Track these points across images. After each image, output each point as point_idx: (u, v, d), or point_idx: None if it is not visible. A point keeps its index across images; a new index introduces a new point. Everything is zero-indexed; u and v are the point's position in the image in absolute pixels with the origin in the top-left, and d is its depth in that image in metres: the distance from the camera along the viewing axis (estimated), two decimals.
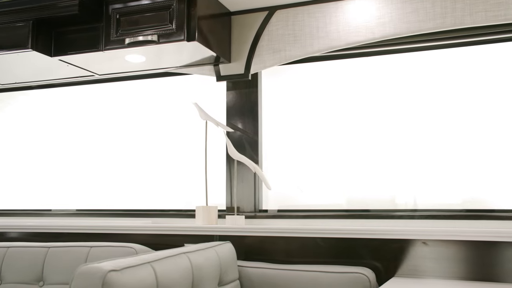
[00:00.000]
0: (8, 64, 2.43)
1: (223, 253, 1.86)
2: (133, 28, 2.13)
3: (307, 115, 2.40)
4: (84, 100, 2.89)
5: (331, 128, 2.35)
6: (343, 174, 2.30)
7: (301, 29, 2.27)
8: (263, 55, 2.32)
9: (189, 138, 2.60)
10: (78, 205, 2.79)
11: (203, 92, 2.58)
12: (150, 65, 2.39)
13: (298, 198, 2.36)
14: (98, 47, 2.21)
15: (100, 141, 2.81)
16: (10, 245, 2.19)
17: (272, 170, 2.40)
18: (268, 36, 2.32)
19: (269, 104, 2.46)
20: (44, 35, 2.26)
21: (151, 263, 1.43)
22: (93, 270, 1.26)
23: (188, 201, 2.53)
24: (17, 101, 3.06)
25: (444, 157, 2.15)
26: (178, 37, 2.07)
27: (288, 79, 2.46)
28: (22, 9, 2.22)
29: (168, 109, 2.67)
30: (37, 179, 2.94)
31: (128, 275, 1.31)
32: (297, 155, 2.39)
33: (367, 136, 2.28)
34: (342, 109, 2.34)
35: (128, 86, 2.77)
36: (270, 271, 1.94)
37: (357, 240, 1.98)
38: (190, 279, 1.57)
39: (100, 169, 2.78)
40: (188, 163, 2.59)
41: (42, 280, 2.06)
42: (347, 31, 2.18)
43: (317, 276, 1.87)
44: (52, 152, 2.91)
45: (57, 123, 2.93)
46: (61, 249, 2.10)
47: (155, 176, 2.65)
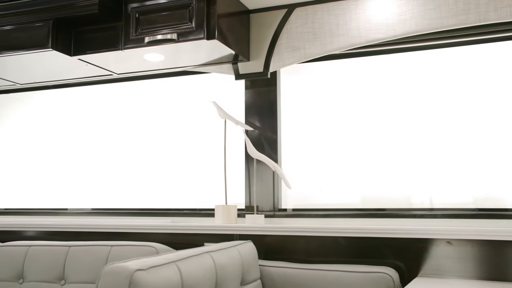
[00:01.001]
0: (27, 64, 2.44)
1: (244, 253, 1.85)
2: (153, 27, 2.12)
3: (325, 113, 2.38)
4: (101, 99, 2.90)
5: (348, 127, 2.33)
6: (358, 173, 2.28)
7: (320, 26, 2.25)
8: (282, 53, 2.31)
9: (207, 137, 2.59)
10: (95, 205, 2.80)
11: (221, 90, 2.57)
12: (168, 64, 2.38)
13: (315, 197, 2.35)
14: (117, 46, 2.21)
15: (117, 140, 2.81)
16: (31, 244, 2.20)
17: (290, 169, 2.39)
18: (287, 34, 2.30)
19: (288, 102, 2.44)
20: (63, 35, 2.27)
21: (176, 263, 1.43)
22: (119, 269, 1.26)
23: (207, 200, 2.53)
24: (33, 100, 3.07)
25: (459, 155, 2.12)
26: (198, 35, 2.06)
27: (307, 77, 2.44)
28: (42, 9, 2.23)
29: (186, 107, 2.67)
30: (53, 178, 2.95)
31: (154, 275, 1.30)
32: (315, 154, 2.37)
33: (383, 134, 2.26)
34: (360, 108, 2.31)
35: (146, 85, 2.77)
36: (292, 270, 1.93)
37: (380, 240, 1.96)
38: (213, 279, 1.56)
39: (119, 169, 2.79)
40: (206, 162, 2.58)
41: (63, 279, 2.07)
42: (368, 28, 2.15)
43: (340, 276, 1.85)
44: (68, 151, 2.92)
45: (74, 123, 2.95)
46: (82, 248, 2.10)
47: (173, 175, 2.65)
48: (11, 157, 3.06)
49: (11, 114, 3.12)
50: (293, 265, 1.97)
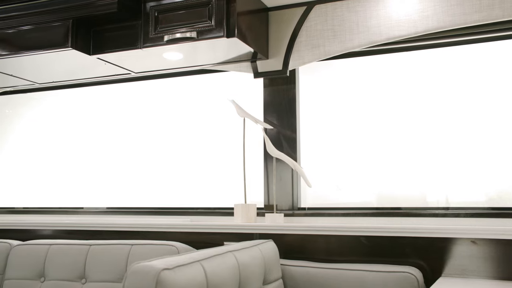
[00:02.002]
0: (45, 63, 2.46)
1: (266, 252, 1.84)
2: (172, 25, 2.12)
3: (343, 111, 2.36)
4: (118, 98, 2.90)
5: (365, 125, 2.31)
6: (373, 171, 2.27)
7: (340, 24, 2.23)
8: (301, 51, 2.29)
9: (225, 135, 2.58)
10: (111, 203, 2.80)
11: (239, 89, 2.56)
12: (187, 62, 2.38)
13: (333, 195, 2.33)
14: (136, 45, 2.21)
15: (135, 139, 2.81)
16: (52, 242, 2.21)
17: (309, 167, 2.37)
18: (307, 32, 2.29)
19: (306, 100, 2.43)
20: (83, 34, 2.27)
21: (200, 262, 1.42)
22: (146, 268, 1.25)
23: (225, 199, 2.52)
24: (50, 100, 3.09)
25: (475, 153, 2.09)
26: (218, 33, 2.05)
27: (325, 75, 2.42)
28: (61, 9, 2.23)
29: (204, 106, 2.66)
30: (69, 177, 2.96)
31: (180, 274, 1.30)
32: (332, 152, 2.36)
33: (400, 132, 2.24)
34: (378, 106, 2.29)
35: (163, 84, 2.77)
36: (314, 269, 1.91)
37: (403, 239, 1.93)
38: (237, 278, 1.55)
39: (136, 168, 2.79)
40: (224, 161, 2.58)
41: (84, 278, 2.07)
42: (389, 25, 2.13)
43: (363, 275, 1.83)
44: (84, 150, 2.93)
45: (90, 122, 2.95)
46: (102, 247, 2.10)
47: (192, 174, 2.65)
48: (28, 156, 3.08)
49: (28, 113, 3.13)
50: (314, 264, 1.95)
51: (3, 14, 2.37)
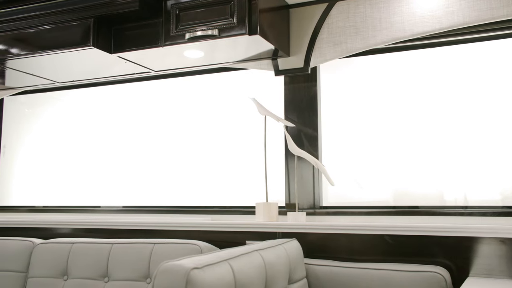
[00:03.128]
0: (66, 62, 2.46)
1: (291, 251, 1.82)
2: (193, 23, 2.11)
3: (364, 109, 2.34)
4: (137, 97, 2.90)
5: (386, 123, 2.28)
6: (391, 170, 2.24)
7: (362, 20, 2.20)
8: (323, 48, 2.27)
9: (245, 133, 2.57)
10: (131, 202, 2.80)
11: (259, 87, 2.55)
12: (207, 60, 2.37)
13: (353, 194, 2.31)
14: (157, 43, 2.20)
15: (154, 138, 2.81)
16: (74, 241, 2.21)
17: (329, 166, 2.35)
18: (328, 29, 2.26)
19: (326, 98, 2.40)
20: (104, 32, 2.27)
21: (228, 261, 1.40)
22: (176, 267, 1.24)
23: (245, 198, 2.51)
24: (68, 99, 3.10)
25: (494, 151, 2.06)
26: (240, 31, 2.03)
27: (346, 73, 2.40)
28: (83, 7, 2.23)
29: (224, 104, 2.65)
30: (87, 176, 2.97)
31: (209, 273, 1.29)
32: (352, 150, 2.33)
33: (418, 130, 2.22)
34: (398, 103, 2.27)
35: (183, 82, 2.76)
36: (338, 269, 1.89)
37: (429, 238, 1.90)
38: (264, 277, 1.54)
39: (156, 166, 2.78)
40: (244, 159, 2.56)
41: (107, 276, 2.07)
42: (412, 21, 2.10)
43: (388, 275, 1.81)
44: (102, 149, 2.94)
45: (107, 120, 2.96)
46: (125, 245, 2.10)
47: (212, 173, 2.64)
48: (47, 155, 3.09)
49: (46, 112, 3.15)
50: (339, 263, 1.93)
51: (23, 14, 2.38)
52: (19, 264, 2.22)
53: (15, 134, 3.21)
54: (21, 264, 2.22)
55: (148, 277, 2.00)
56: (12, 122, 3.23)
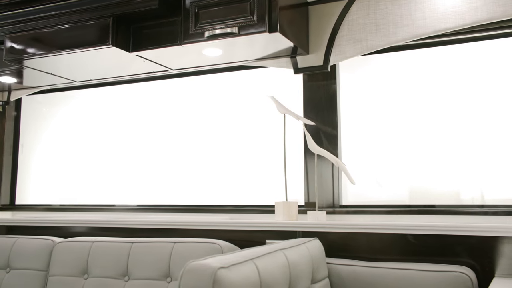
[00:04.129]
0: (84, 61, 2.46)
1: (313, 250, 1.80)
2: (212, 21, 2.09)
3: (383, 107, 2.31)
4: (152, 96, 2.90)
5: (406, 121, 2.26)
6: (408, 168, 2.22)
7: (383, 17, 2.17)
8: (343, 46, 2.24)
9: (262, 132, 2.56)
10: (147, 201, 2.80)
11: (277, 85, 2.53)
12: (226, 58, 2.36)
13: (371, 193, 2.29)
14: (176, 41, 2.19)
15: (172, 137, 2.81)
16: (94, 240, 2.21)
17: (349, 164, 2.33)
18: (348, 26, 2.24)
19: (346, 96, 2.38)
20: (123, 31, 2.27)
21: (253, 260, 1.39)
22: (202, 267, 1.23)
23: (264, 196, 2.50)
24: (84, 98, 3.10)
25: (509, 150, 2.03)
26: (260, 28, 2.02)
27: (364, 70, 2.37)
28: (102, 6, 2.23)
29: (241, 102, 2.64)
30: (101, 174, 2.97)
31: (235, 272, 1.27)
32: (369, 148, 2.31)
33: (437, 128, 2.19)
34: (418, 101, 2.24)
35: (200, 80, 2.75)
36: (360, 268, 1.87)
37: (452, 237, 1.87)
38: (288, 277, 1.52)
39: (174, 165, 2.78)
40: (262, 158, 2.55)
41: (127, 275, 2.07)
42: (435, 17, 2.07)
43: (412, 275, 1.78)
44: (119, 148, 2.94)
45: (122, 120, 2.96)
46: (145, 244, 2.10)
47: (229, 171, 2.63)
48: (63, 154, 3.10)
49: (63, 111, 3.16)
50: (361, 263, 1.91)
51: (41, 14, 2.39)
52: (39, 263, 2.23)
53: (32, 133, 3.22)
54: (41, 262, 2.23)
55: (169, 276, 2.00)
56: (30, 121, 3.25)
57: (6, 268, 2.29)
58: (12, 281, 2.24)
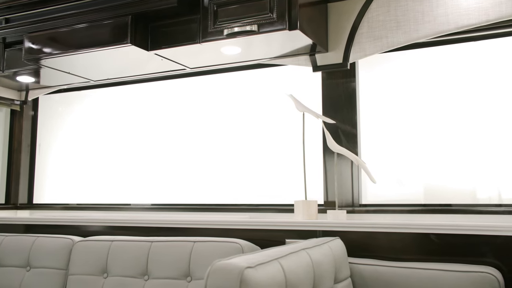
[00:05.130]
0: (102, 60, 2.46)
1: (335, 249, 1.78)
2: (231, 19, 2.08)
3: (402, 105, 2.29)
4: (168, 94, 2.89)
5: (423, 119, 2.24)
6: (426, 167, 2.20)
7: (404, 14, 2.14)
8: (362, 43, 2.22)
9: (280, 130, 2.54)
10: (165, 200, 2.80)
11: (296, 83, 2.52)
12: (244, 56, 2.35)
13: (389, 192, 2.26)
14: (195, 40, 2.19)
15: (188, 136, 2.80)
16: (113, 239, 2.21)
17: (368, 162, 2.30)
18: (368, 23, 2.21)
19: (365, 94, 2.36)
20: (141, 30, 2.27)
21: (278, 260, 1.37)
22: (229, 266, 1.22)
23: (282, 195, 2.48)
24: (100, 97, 3.10)
25: None
26: (279, 26, 2.00)
27: (386, 68, 2.34)
28: (120, 5, 2.23)
29: (259, 101, 2.63)
30: (117, 173, 2.97)
31: (262, 272, 1.26)
32: (390, 147, 2.29)
33: (455, 126, 2.17)
34: (438, 98, 2.21)
35: (217, 79, 2.74)
36: (383, 268, 1.85)
37: (478, 237, 1.84)
38: (312, 276, 1.50)
39: (191, 164, 2.77)
40: (280, 156, 2.53)
41: (147, 274, 2.06)
42: (457, 14, 2.04)
43: (437, 275, 1.75)
44: (137, 147, 2.94)
45: (138, 118, 2.95)
46: (164, 243, 2.09)
47: (246, 170, 2.61)
48: (79, 153, 3.11)
49: (79, 110, 3.16)
50: (383, 262, 1.88)
51: (59, 13, 2.40)
52: (59, 261, 2.23)
53: (49, 132, 3.24)
54: (61, 261, 2.23)
55: (189, 276, 1.99)
56: (47, 120, 3.26)
57: (26, 266, 2.30)
58: (32, 279, 2.25)
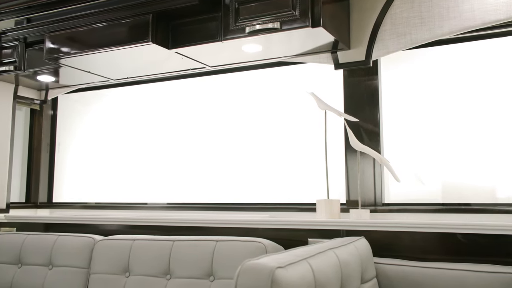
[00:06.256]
0: (121, 59, 2.46)
1: (361, 249, 1.76)
2: (253, 16, 2.06)
3: (424, 103, 2.26)
4: (186, 93, 2.88)
5: (446, 117, 2.21)
6: (446, 165, 2.18)
7: (428, 10, 2.11)
8: (385, 40, 2.19)
9: (300, 129, 2.52)
10: (184, 199, 2.79)
11: (316, 81, 2.49)
12: (265, 54, 2.33)
13: (410, 191, 2.23)
14: (216, 38, 2.17)
15: (208, 135, 2.79)
16: (135, 238, 2.21)
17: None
18: (391, 20, 2.18)
19: (388, 92, 2.33)
20: (162, 28, 2.26)
21: (307, 259, 1.36)
22: (259, 266, 1.20)
23: (303, 194, 2.46)
24: (118, 96, 3.11)
25: None
26: (302, 23, 1.98)
27: (409, 65, 2.31)
28: (141, 3, 2.22)
29: (279, 99, 2.61)
30: (135, 172, 2.97)
31: (292, 272, 1.24)
32: (412, 146, 2.26)
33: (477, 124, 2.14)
34: (461, 96, 2.18)
35: (237, 77, 2.73)
36: (409, 268, 1.82)
37: (506, 237, 1.80)
38: (339, 276, 1.48)
39: (211, 162, 2.76)
40: (301, 155, 2.51)
41: (169, 273, 2.06)
42: (484, 9, 2.00)
43: (465, 276, 1.72)
44: (156, 146, 2.93)
45: (157, 118, 2.95)
46: (186, 243, 2.08)
47: (267, 169, 2.60)
48: (96, 152, 3.12)
49: (97, 110, 3.17)
50: (410, 262, 1.86)
51: (80, 12, 2.40)
52: (81, 260, 2.23)
53: (68, 131, 3.25)
54: (83, 260, 2.23)
55: (211, 275, 1.98)
56: (66, 119, 3.27)
57: (49, 265, 2.31)
58: (54, 278, 2.25)
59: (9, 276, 2.36)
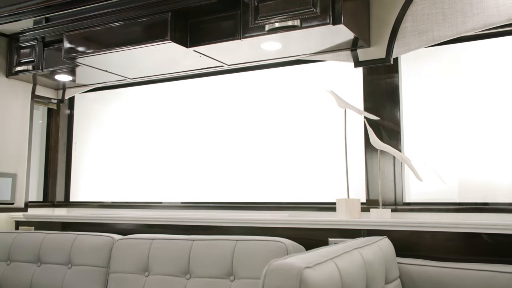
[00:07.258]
0: (139, 58, 2.46)
1: (385, 249, 1.74)
2: (272, 14, 2.04)
3: (445, 101, 2.22)
4: (202, 92, 2.87)
5: (467, 116, 2.18)
6: (459, 164, 2.16)
7: (451, 6, 2.08)
8: (406, 37, 2.16)
9: (319, 127, 2.50)
10: (201, 198, 2.78)
11: (335, 79, 2.47)
12: (284, 52, 2.31)
13: (431, 190, 2.20)
14: (235, 36, 2.16)
15: (226, 134, 2.78)
16: (154, 237, 2.20)
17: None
18: (412, 17, 2.15)
19: (408, 90, 2.30)
20: (181, 26, 2.25)
21: (333, 259, 1.34)
22: (287, 266, 1.18)
23: (322, 193, 2.44)
24: (134, 95, 3.11)
25: None
26: (323, 21, 1.96)
27: (429, 63, 2.28)
28: (160, 1, 2.21)
29: (298, 97, 2.59)
30: (151, 172, 2.98)
31: (319, 272, 1.22)
32: (433, 144, 2.24)
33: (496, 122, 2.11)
34: (484, 94, 2.14)
35: (255, 76, 2.71)
36: (433, 269, 1.79)
37: None
38: (364, 276, 1.46)
39: (229, 161, 2.75)
40: (320, 154, 2.49)
41: (188, 273, 2.05)
42: (509, 4, 1.96)
43: (491, 276, 1.69)
44: (170, 145, 2.93)
45: (172, 117, 2.94)
46: (206, 242, 2.07)
47: (286, 168, 2.58)
48: (112, 152, 3.12)
49: (113, 109, 3.17)
50: (433, 263, 1.83)
51: (98, 11, 2.39)
52: (100, 259, 2.23)
53: (84, 130, 3.26)
54: (102, 259, 2.23)
55: (232, 275, 1.96)
56: (82, 118, 3.28)
57: (68, 264, 2.31)
58: (74, 277, 2.26)
59: (29, 275, 2.36)
